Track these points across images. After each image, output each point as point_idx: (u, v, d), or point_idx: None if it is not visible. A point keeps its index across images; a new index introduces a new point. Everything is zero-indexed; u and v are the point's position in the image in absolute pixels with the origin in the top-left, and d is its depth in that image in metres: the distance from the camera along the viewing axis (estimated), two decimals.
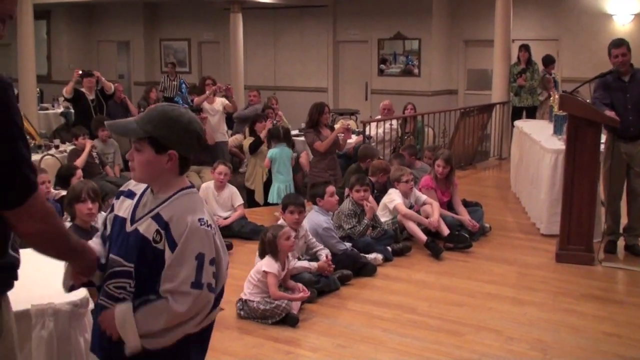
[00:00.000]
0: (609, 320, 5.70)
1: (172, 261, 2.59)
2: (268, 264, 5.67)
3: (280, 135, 9.38)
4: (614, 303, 6.16)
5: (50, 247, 2.52)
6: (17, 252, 2.51)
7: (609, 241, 7.41)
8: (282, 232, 5.79)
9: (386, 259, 7.12)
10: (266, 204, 9.46)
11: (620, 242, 7.49)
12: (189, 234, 2.60)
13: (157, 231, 2.63)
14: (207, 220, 2.68)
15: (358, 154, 9.02)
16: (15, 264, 2.49)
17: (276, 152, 9.16)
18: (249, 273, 5.80)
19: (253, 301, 5.61)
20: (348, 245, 6.90)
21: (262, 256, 5.80)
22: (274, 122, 10.83)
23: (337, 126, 9.35)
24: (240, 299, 5.70)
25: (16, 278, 2.51)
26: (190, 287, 2.58)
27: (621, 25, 14.93)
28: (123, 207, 2.85)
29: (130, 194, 2.88)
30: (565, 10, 15.56)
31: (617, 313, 5.87)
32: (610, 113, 6.84)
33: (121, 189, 3.00)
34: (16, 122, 2.26)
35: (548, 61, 13.40)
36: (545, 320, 5.71)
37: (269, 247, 5.73)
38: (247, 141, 10.31)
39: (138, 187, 2.87)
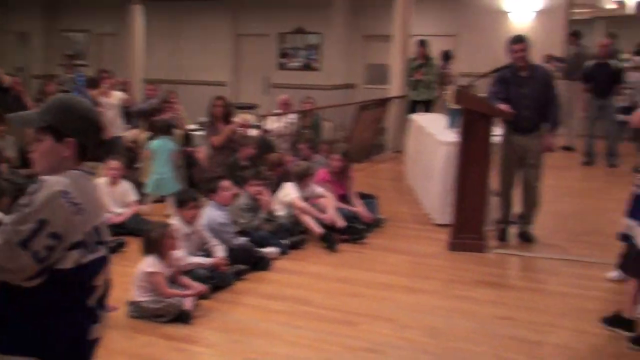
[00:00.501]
0: (501, 305, 5.88)
1: (19, 213, 2.51)
2: (150, 263, 5.55)
3: (165, 129, 9.26)
4: (505, 288, 6.37)
5: None
6: None
7: (501, 229, 7.64)
8: (167, 231, 5.70)
9: (282, 253, 7.12)
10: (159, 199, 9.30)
11: (513, 230, 7.72)
12: (45, 198, 2.53)
13: (29, 192, 2.58)
14: (73, 198, 2.60)
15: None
16: None
17: (157, 144, 9.02)
18: (135, 275, 5.67)
19: (143, 301, 5.50)
20: (244, 239, 6.87)
21: (146, 253, 5.67)
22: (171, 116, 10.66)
23: (237, 121, 9.33)
24: (131, 301, 5.59)
25: None
26: (18, 242, 2.48)
27: (517, 22, 15.38)
28: None
29: None
30: (463, 7, 15.94)
31: (509, 297, 6.07)
32: (504, 107, 7.03)
33: None
34: None
35: (446, 56, 13.65)
36: (438, 307, 5.83)
37: (154, 246, 5.61)
38: (143, 136, 10.15)
39: None
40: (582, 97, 12.26)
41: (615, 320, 5.37)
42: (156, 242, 5.60)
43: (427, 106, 13.03)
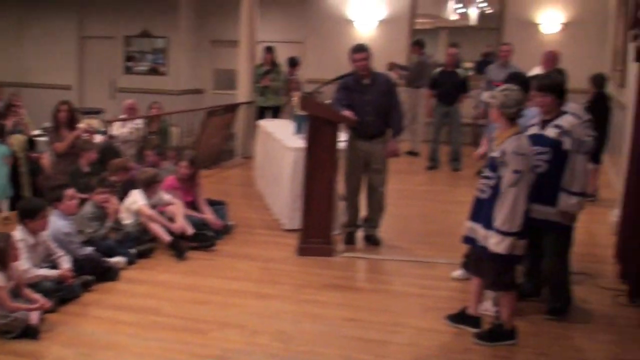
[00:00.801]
0: (349, 307, 6.03)
1: None
2: None
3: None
4: (353, 290, 6.53)
5: None
6: None
7: (348, 233, 7.83)
8: (8, 242, 5.49)
9: (130, 262, 7.01)
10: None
11: (360, 234, 7.92)
12: None
13: None
14: None
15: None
16: None
17: (4, 149, 8.78)
18: None
19: None
20: (90, 249, 6.72)
21: None
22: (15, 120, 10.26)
23: (82, 127, 9.11)
24: None
25: None
26: None
27: (362, 31, 15.80)
28: None
29: None
30: (310, 14, 16.23)
31: (356, 299, 6.24)
32: (347, 113, 7.21)
33: None
34: None
35: (292, 63, 13.80)
36: (287, 311, 5.91)
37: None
38: None
39: None
40: (427, 104, 12.70)
41: (461, 318, 5.64)
42: (2, 253, 5.38)
43: (275, 112, 13.12)
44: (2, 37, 18.17)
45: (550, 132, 5.51)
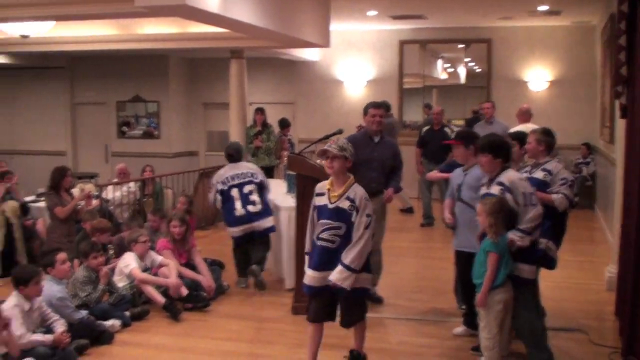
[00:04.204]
0: None
1: None
2: None
3: None
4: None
5: None
6: None
7: None
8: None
9: (124, 325, 7.00)
10: (3, 274, 8.96)
11: None
12: None
13: None
14: None
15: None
16: None
17: None
18: None
19: None
20: (84, 313, 6.71)
21: None
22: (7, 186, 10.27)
23: (75, 191, 9.15)
24: None
25: None
26: None
27: (351, 91, 16.00)
28: None
29: None
30: (300, 76, 16.47)
31: None
32: None
33: None
34: None
35: (284, 124, 13.92)
36: None
37: None
38: None
39: None
40: (417, 161, 12.74)
41: None
42: None
43: (267, 172, 13.17)
44: None
45: (494, 189, 5.61)
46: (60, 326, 6.26)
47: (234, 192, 8.47)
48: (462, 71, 16.73)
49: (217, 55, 15.31)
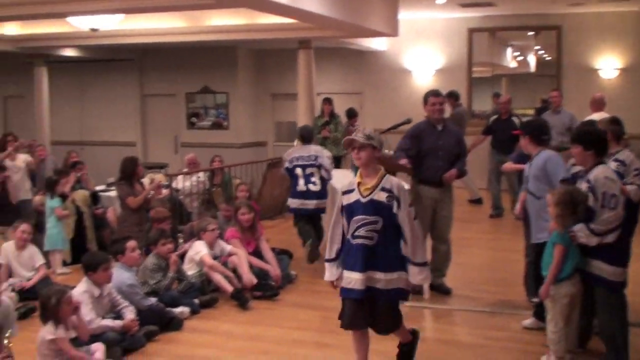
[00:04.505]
0: None
1: None
2: (50, 330, 5.37)
3: (48, 186, 9.32)
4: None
5: None
6: None
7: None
8: (64, 297, 5.55)
9: (193, 312, 7.08)
10: (73, 261, 9.16)
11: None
12: None
13: None
14: None
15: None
16: None
17: (47, 202, 9.15)
18: (37, 345, 5.47)
19: None
20: (153, 300, 6.80)
21: (43, 320, 5.47)
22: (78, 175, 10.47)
23: (145, 181, 9.28)
24: None
25: None
26: None
27: (420, 81, 15.84)
28: None
29: None
30: (368, 66, 16.38)
31: (419, 349, 5.96)
32: (403, 162, 7.16)
33: None
34: None
35: (351, 114, 13.89)
36: None
37: (51, 313, 5.41)
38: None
39: None
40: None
41: None
42: (53, 309, 5.41)
43: (335, 163, 13.17)
44: (65, 97, 18.64)
45: (583, 186, 5.45)
46: (129, 313, 6.35)
47: (298, 171, 8.90)
48: (531, 59, 16.44)
49: (285, 46, 15.32)
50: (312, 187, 8.83)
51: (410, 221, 4.97)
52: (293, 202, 9.01)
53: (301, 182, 8.85)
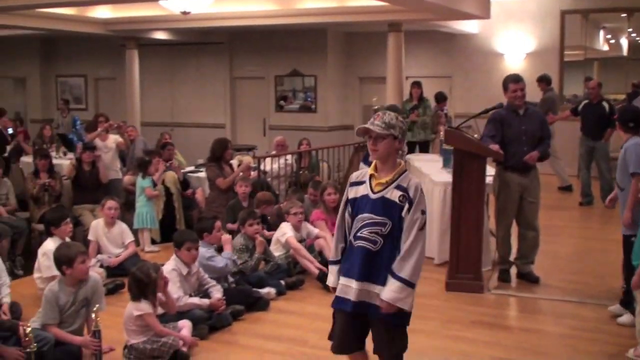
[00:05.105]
0: (498, 346, 5.86)
1: None
2: (138, 307, 5.51)
3: (140, 166, 9.59)
4: (503, 329, 6.35)
5: None
6: None
7: (502, 270, 7.66)
8: (161, 272, 5.69)
9: (279, 293, 7.14)
10: (162, 241, 9.35)
11: (513, 271, 7.72)
12: None
13: None
14: None
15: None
16: None
17: (138, 181, 9.41)
18: (124, 320, 5.62)
19: (138, 343, 5.48)
20: (229, 262, 6.91)
21: (135, 295, 5.59)
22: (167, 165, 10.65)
23: (234, 163, 9.39)
24: (125, 345, 5.57)
25: None
26: None
27: (511, 64, 15.54)
28: None
29: None
30: (458, 49, 16.17)
31: (506, 338, 6.06)
32: (494, 147, 7.06)
33: None
34: None
35: (440, 98, 13.75)
36: (434, 347, 5.82)
37: (142, 289, 5.53)
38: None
39: None
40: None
41: None
42: (144, 285, 5.54)
43: (423, 147, 13.09)
44: (155, 80, 19.03)
45: None
46: (217, 292, 6.46)
47: None
48: (624, 42, 15.94)
49: (375, 29, 15.24)
50: None
51: (414, 228, 4.03)
52: None
53: None
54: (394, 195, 4.06)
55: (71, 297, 5.57)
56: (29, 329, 5.09)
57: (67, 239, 6.93)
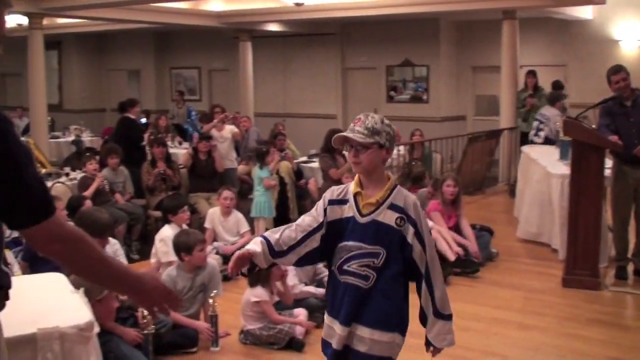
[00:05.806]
0: (614, 345, 5.71)
1: None
2: (255, 293, 5.65)
3: (257, 157, 9.62)
4: (620, 328, 6.17)
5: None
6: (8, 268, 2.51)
7: (619, 266, 7.41)
8: None
9: None
10: None
11: (630, 267, 7.47)
12: None
13: None
14: None
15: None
16: (5, 283, 2.43)
17: (255, 172, 9.46)
18: (241, 306, 5.77)
19: (254, 329, 5.62)
20: None
21: (252, 282, 5.74)
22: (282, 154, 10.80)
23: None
24: (242, 330, 5.73)
25: (7, 298, 2.44)
26: None
27: (628, 51, 15.00)
28: None
29: None
30: (573, 36, 15.66)
31: (623, 338, 5.89)
32: (613, 138, 6.84)
33: None
34: (20, 151, 2.27)
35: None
36: (550, 345, 5.72)
37: (259, 276, 5.65)
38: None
39: None
40: None
41: None
42: (261, 273, 5.61)
43: None
44: (268, 71, 19.28)
45: None
46: None
47: None
48: None
49: (489, 17, 14.99)
50: None
51: (435, 253, 3.35)
52: None
53: None
54: (389, 217, 3.24)
55: (189, 282, 5.75)
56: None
57: (184, 226, 7.11)
